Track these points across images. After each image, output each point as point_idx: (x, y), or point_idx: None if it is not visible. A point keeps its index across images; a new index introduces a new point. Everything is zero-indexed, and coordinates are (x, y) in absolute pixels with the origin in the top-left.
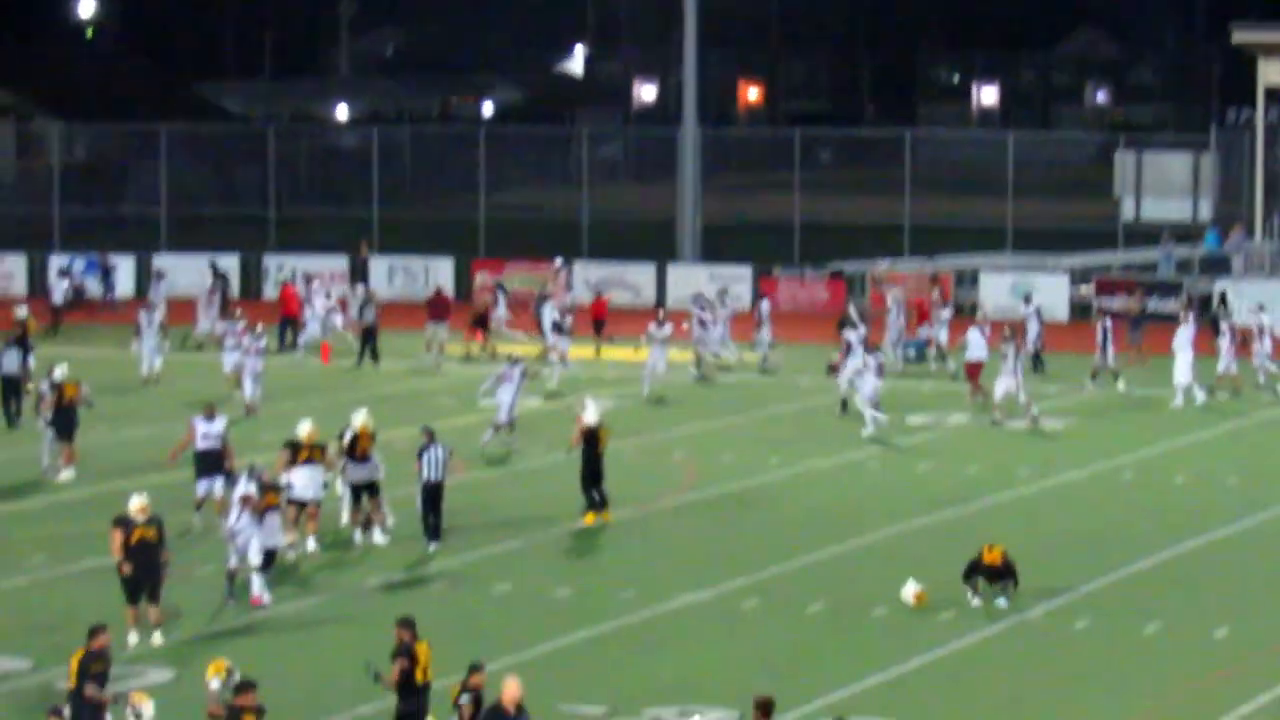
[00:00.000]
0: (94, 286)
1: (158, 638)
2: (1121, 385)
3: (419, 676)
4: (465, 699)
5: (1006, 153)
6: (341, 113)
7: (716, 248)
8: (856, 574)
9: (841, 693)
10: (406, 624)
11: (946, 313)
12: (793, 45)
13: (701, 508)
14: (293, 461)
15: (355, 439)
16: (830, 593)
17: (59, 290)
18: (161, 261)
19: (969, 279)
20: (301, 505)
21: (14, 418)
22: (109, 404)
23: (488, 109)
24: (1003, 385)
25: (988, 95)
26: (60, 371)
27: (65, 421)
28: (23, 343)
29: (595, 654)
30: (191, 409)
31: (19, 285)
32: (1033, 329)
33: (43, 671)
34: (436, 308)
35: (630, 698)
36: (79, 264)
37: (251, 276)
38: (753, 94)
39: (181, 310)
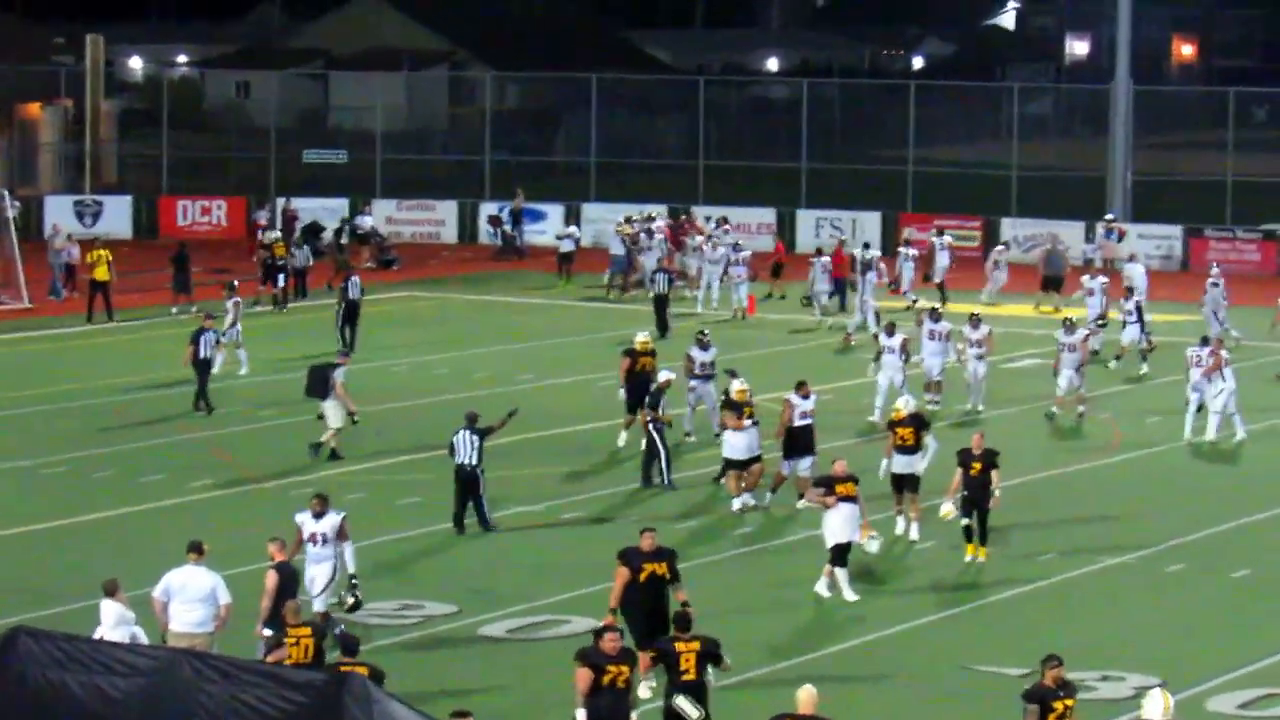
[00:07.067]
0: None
1: (644, 690)
2: None
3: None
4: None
5: None
6: (771, 64)
7: (1146, 206)
8: None
9: (1267, 661)
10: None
11: None
12: (1228, 1)
13: (1127, 469)
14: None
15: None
16: (1258, 559)
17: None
18: (589, 209)
19: None
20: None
21: (343, 339)
22: None
23: (917, 62)
24: None
25: None
26: (642, 337)
27: (638, 390)
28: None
29: (1013, 615)
30: None
31: (450, 232)
32: None
33: (469, 617)
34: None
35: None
36: (508, 210)
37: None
38: (1186, 50)
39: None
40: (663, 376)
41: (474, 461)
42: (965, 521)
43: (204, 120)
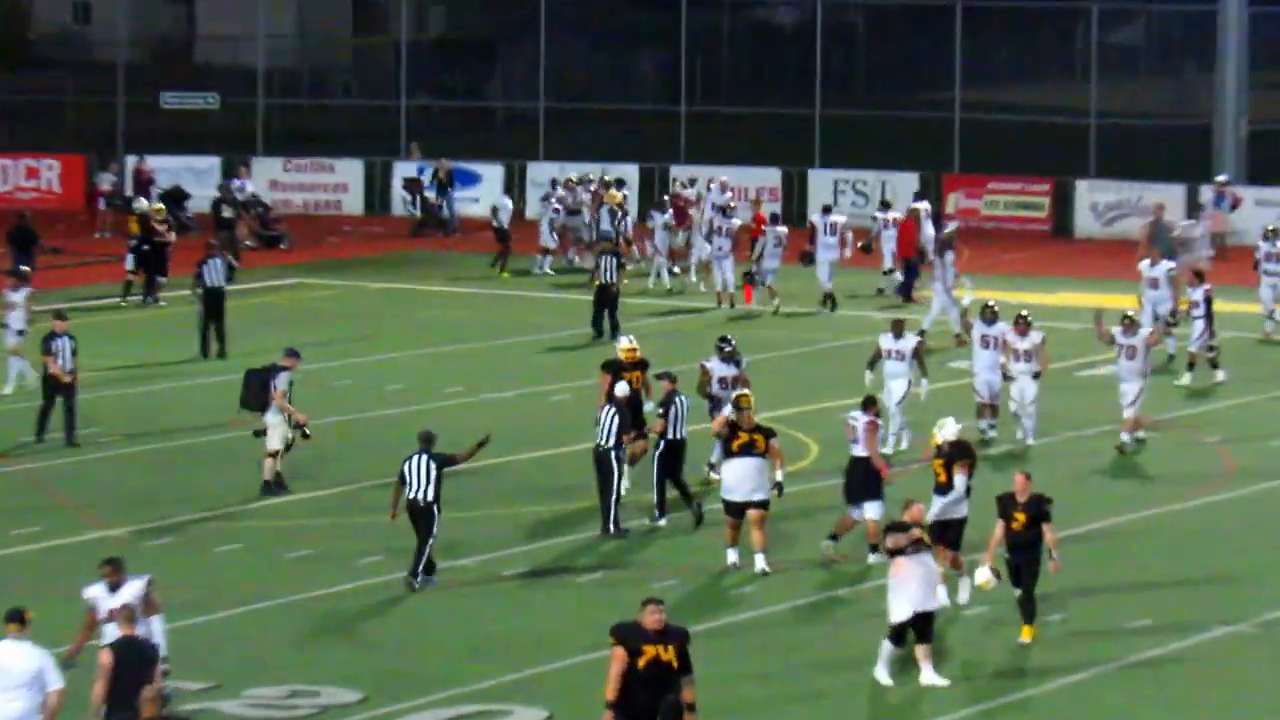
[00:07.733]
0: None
1: None
2: None
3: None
4: None
5: None
6: None
7: (1265, 163)
8: None
9: None
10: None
11: None
12: None
13: (1238, 509)
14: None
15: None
16: None
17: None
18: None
19: None
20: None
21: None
22: None
23: None
24: None
25: None
26: (625, 343)
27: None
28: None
29: (1093, 703)
30: None
31: (354, 200)
32: None
33: (378, 707)
34: None
35: None
36: (429, 173)
37: (654, 191)
38: None
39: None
40: (619, 391)
41: (429, 495)
42: (1018, 593)
43: (30, 54)
